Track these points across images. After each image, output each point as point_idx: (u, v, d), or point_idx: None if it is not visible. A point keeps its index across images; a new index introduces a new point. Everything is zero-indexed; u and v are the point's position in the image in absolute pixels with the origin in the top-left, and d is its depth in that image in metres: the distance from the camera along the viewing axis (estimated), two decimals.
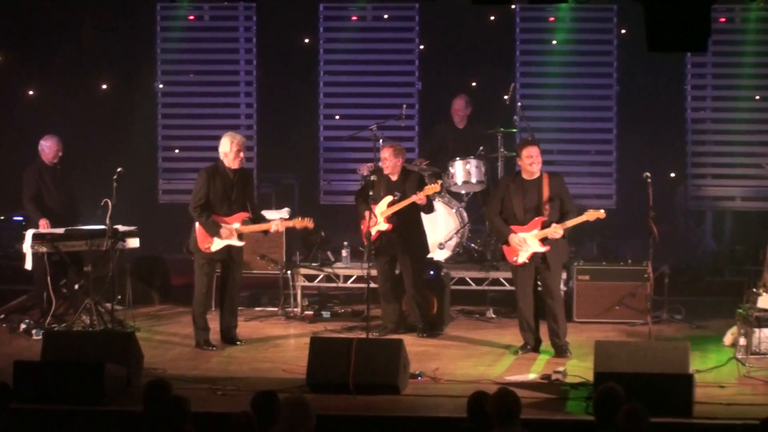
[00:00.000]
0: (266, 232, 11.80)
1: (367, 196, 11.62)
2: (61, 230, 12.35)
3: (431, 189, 11.78)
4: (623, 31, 15.56)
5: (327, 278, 13.17)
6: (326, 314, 12.98)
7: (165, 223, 15.71)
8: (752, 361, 10.40)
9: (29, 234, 12.27)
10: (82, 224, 12.67)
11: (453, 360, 10.94)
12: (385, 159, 11.92)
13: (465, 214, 13.46)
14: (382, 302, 12.02)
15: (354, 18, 16.00)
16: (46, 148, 12.81)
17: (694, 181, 15.68)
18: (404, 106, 14.27)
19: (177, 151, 16.27)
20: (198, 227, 11.48)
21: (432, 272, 12.50)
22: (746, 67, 15.33)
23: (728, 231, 15.88)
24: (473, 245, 13.52)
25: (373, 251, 11.72)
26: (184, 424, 7.40)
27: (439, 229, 13.24)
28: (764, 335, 10.60)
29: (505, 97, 13.69)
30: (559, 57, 15.66)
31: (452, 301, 12.85)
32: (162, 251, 14.91)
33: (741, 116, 15.46)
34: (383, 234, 11.82)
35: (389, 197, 11.82)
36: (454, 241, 13.33)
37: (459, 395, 9.10)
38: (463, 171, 13.46)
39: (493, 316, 12.91)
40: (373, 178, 11.71)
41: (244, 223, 11.50)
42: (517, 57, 15.77)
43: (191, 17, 16.15)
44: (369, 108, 15.74)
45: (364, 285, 11.22)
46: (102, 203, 11.85)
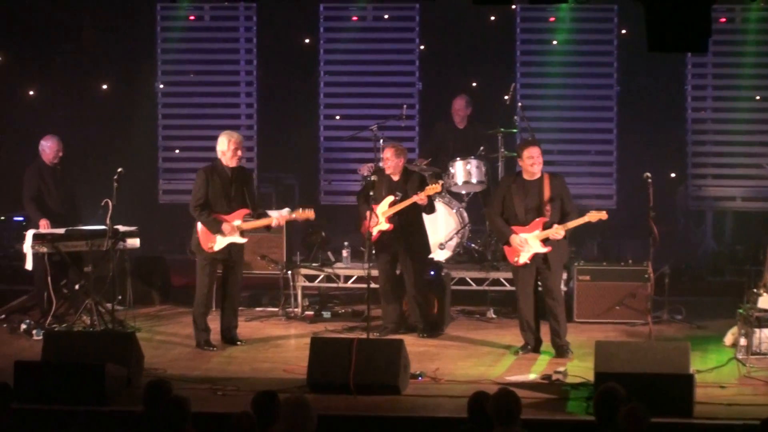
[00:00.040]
0: (268, 227, 11.77)
1: (368, 196, 11.62)
2: (62, 230, 12.34)
3: (432, 189, 11.77)
4: (623, 32, 15.54)
5: (327, 278, 13.17)
6: (327, 314, 12.98)
7: (165, 223, 15.71)
8: (753, 362, 10.40)
9: (30, 234, 12.26)
10: (83, 224, 12.67)
11: (453, 360, 10.93)
12: (387, 159, 11.92)
13: (465, 215, 13.45)
14: (383, 302, 12.02)
15: (354, 18, 15.98)
16: (47, 148, 12.81)
17: (695, 182, 15.66)
18: (405, 107, 14.25)
19: (177, 151, 16.24)
20: (200, 227, 11.48)
21: (432, 272, 12.50)
22: (746, 68, 15.32)
23: (729, 231, 15.87)
24: (474, 245, 13.51)
25: (374, 251, 11.72)
26: (185, 425, 7.39)
27: (440, 230, 13.22)
28: (765, 335, 10.60)
29: (506, 97, 13.67)
30: (560, 57, 15.64)
31: (453, 302, 12.84)
32: (162, 251, 14.93)
33: (741, 116, 15.45)
34: (384, 234, 11.83)
35: (391, 197, 11.82)
36: (455, 242, 13.32)
37: (459, 395, 9.11)
38: (464, 171, 13.45)
39: (494, 317, 12.91)
40: (374, 178, 11.70)
41: (245, 220, 11.50)
42: (518, 57, 15.75)
43: (191, 17, 16.13)
44: (369, 108, 15.72)
45: (365, 285, 11.20)
46: (102, 203, 11.84)
